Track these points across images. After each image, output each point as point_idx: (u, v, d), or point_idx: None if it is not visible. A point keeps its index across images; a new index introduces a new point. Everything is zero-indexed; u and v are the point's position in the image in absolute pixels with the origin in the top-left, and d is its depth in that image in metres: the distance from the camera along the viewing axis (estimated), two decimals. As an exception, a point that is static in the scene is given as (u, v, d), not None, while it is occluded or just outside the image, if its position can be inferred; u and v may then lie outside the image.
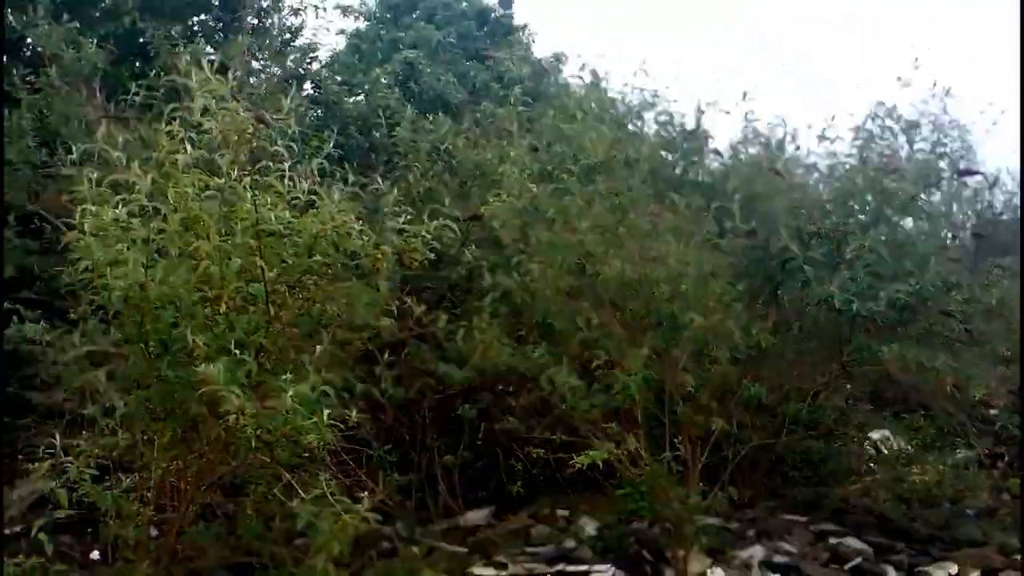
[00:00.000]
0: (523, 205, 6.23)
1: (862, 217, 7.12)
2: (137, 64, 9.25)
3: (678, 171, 7.26)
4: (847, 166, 7.54)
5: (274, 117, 5.44)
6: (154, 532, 5.81)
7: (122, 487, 5.60)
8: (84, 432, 5.73)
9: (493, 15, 16.49)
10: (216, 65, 5.50)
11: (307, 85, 10.88)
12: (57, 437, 5.41)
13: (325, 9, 10.90)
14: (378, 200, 5.89)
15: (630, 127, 7.35)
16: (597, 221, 5.91)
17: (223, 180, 5.20)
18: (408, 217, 5.43)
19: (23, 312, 6.63)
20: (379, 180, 5.86)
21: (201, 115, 5.19)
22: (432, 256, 5.50)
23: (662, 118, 7.31)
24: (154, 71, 7.63)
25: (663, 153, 7.24)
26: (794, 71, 25.87)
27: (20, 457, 7.62)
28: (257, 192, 5.16)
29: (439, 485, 7.15)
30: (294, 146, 5.50)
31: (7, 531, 6.94)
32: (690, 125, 7.40)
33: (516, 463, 7.01)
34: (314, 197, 5.32)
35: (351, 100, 10.43)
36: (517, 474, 7.03)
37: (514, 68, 9.78)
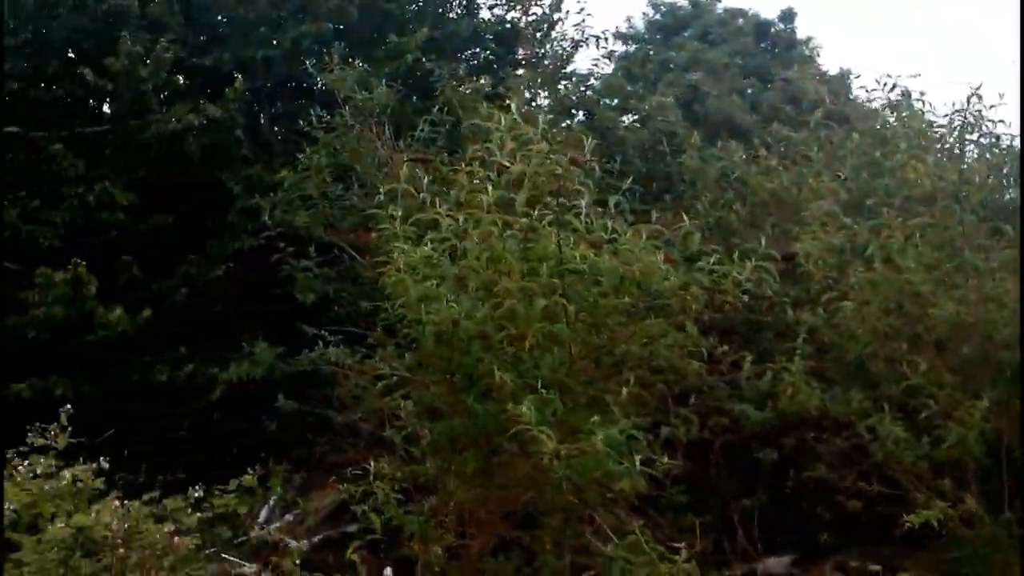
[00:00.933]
0: (839, 242, 5.81)
1: None
2: (415, 98, 9.57)
3: (1007, 198, 6.53)
4: None
5: (581, 158, 5.44)
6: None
7: (423, 512, 5.77)
8: (381, 454, 5.97)
9: (773, 29, 15.67)
10: (516, 107, 5.59)
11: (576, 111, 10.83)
12: (371, 464, 5.68)
13: (608, 39, 10.74)
14: (676, 235, 5.72)
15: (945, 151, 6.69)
16: (924, 258, 5.42)
17: (525, 219, 5.24)
18: (717, 256, 5.20)
19: (326, 337, 7.10)
20: (684, 217, 5.64)
21: (506, 158, 5.27)
22: (745, 298, 5.25)
23: (985, 140, 6.60)
24: (436, 107, 7.90)
25: (990, 180, 6.53)
26: (976, 60, 23.14)
27: (311, 470, 8.17)
28: (558, 230, 5.16)
29: (736, 528, 6.82)
30: (591, 183, 5.47)
31: (307, 540, 7.44)
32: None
33: (823, 511, 6.53)
34: (615, 235, 5.24)
35: (625, 125, 10.29)
36: (824, 522, 6.55)
37: (810, 88, 9.18)
